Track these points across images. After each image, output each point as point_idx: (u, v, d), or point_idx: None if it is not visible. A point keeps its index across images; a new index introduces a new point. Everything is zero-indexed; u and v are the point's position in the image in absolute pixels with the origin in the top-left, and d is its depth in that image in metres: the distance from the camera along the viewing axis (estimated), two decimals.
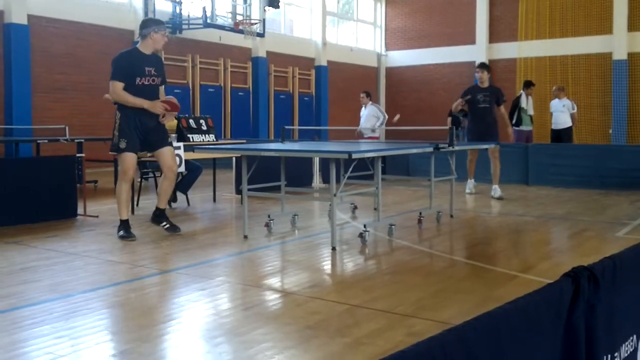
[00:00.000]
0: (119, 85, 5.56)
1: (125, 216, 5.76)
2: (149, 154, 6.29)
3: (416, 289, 4.05)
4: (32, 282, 4.25)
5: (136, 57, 5.69)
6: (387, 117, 12.24)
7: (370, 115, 12.05)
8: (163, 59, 16.59)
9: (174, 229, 5.93)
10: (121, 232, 5.71)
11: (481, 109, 8.98)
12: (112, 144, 5.69)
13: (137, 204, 7.66)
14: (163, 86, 5.88)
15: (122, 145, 5.60)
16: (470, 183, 9.51)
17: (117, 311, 3.64)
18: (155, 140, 5.79)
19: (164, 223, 5.94)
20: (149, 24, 5.76)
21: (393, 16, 23.35)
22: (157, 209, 5.97)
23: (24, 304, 3.78)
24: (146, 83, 5.62)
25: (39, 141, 10.12)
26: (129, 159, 5.65)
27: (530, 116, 12.71)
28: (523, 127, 12.62)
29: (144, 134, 5.71)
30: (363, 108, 12.34)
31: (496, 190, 8.87)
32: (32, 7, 12.78)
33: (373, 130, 12.05)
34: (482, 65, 9.43)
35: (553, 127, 12.97)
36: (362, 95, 12.32)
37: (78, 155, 7.94)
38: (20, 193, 6.45)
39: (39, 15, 13.01)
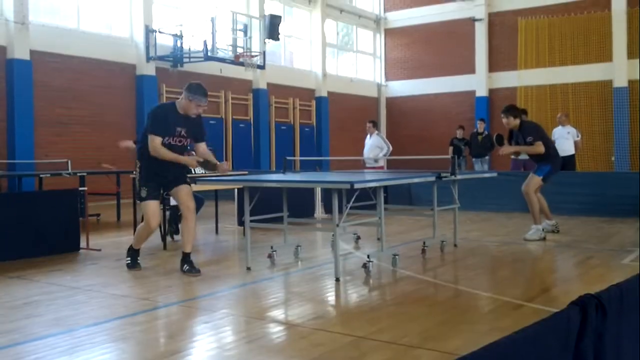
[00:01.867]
0: (159, 140, 5.50)
1: (138, 246, 5.92)
2: (165, 193, 6.29)
3: (421, 320, 4.02)
4: (35, 316, 4.22)
5: (172, 114, 5.62)
6: (391, 148, 12.25)
7: (374, 146, 12.10)
8: (164, 92, 16.68)
9: (192, 270, 5.59)
10: (128, 260, 5.85)
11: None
12: (136, 192, 5.97)
13: None
14: (204, 143, 5.92)
15: (143, 194, 5.63)
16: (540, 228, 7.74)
17: (121, 345, 3.61)
18: (173, 178, 5.71)
19: (185, 266, 5.65)
20: (190, 89, 5.61)
21: (392, 47, 23.61)
22: (183, 253, 5.71)
23: (27, 339, 3.74)
24: (172, 143, 5.57)
25: (41, 175, 10.15)
26: (151, 208, 5.63)
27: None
28: (519, 156, 12.63)
29: (164, 177, 5.69)
30: (368, 137, 12.39)
31: (538, 229, 7.60)
32: (34, 43, 12.94)
33: (376, 161, 12.07)
34: (504, 111, 7.91)
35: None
36: (368, 124, 12.39)
37: (80, 189, 7.95)
38: (23, 227, 6.44)
39: (41, 51, 13.16)
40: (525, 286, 5.29)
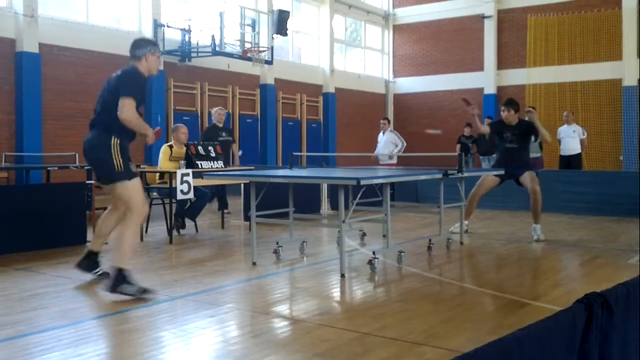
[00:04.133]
0: (134, 106, 4.61)
1: (130, 262, 4.61)
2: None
3: (426, 317, 4.01)
4: (41, 308, 4.24)
5: (144, 80, 4.83)
6: (405, 144, 12.29)
7: (389, 142, 12.15)
8: (172, 86, 16.72)
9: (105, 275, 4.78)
10: (133, 289, 4.45)
11: (510, 150, 7.77)
12: (121, 172, 4.61)
13: (147, 231, 7.67)
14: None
15: (134, 168, 4.76)
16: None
17: (126, 338, 3.62)
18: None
19: (98, 270, 5.06)
20: (144, 44, 4.86)
21: (400, 43, 23.54)
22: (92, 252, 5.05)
23: (34, 331, 3.77)
24: (139, 112, 4.75)
25: (49, 168, 10.20)
26: (141, 186, 4.88)
27: (538, 143, 12.68)
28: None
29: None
30: (381, 134, 12.43)
31: (535, 230, 7.52)
32: (43, 36, 12.98)
33: (390, 157, 12.10)
34: (507, 103, 7.82)
35: (562, 153, 12.91)
36: (383, 121, 12.49)
37: (88, 182, 7.98)
38: (31, 220, 6.47)
39: (50, 44, 13.20)
40: (531, 284, 5.28)
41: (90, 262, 5.06)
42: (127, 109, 4.55)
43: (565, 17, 19.84)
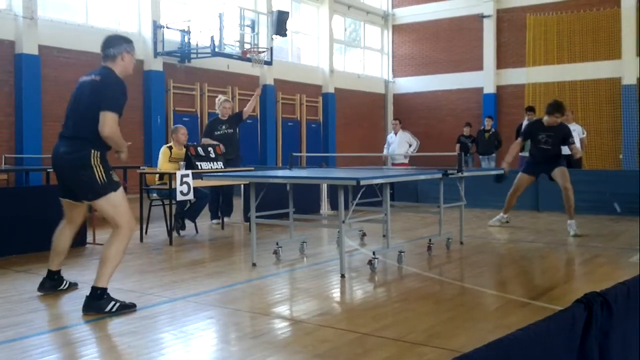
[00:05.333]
0: (117, 119, 4.29)
1: (107, 282, 4.25)
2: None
3: (427, 317, 4.01)
4: (41, 310, 4.24)
5: (125, 88, 4.45)
6: (419, 143, 12.43)
7: (403, 142, 12.25)
8: (172, 87, 16.73)
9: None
10: (117, 304, 4.17)
11: (543, 150, 7.93)
12: (105, 184, 4.28)
13: (146, 232, 7.67)
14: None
15: (116, 177, 4.44)
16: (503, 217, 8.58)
17: (127, 339, 3.62)
18: None
19: (64, 284, 4.80)
20: (119, 41, 4.47)
21: (400, 43, 23.54)
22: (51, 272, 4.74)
23: (34, 333, 3.77)
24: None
25: (48, 170, 10.18)
26: (125, 197, 4.48)
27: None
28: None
29: None
30: (392, 134, 12.54)
31: (571, 225, 7.75)
32: (42, 38, 12.98)
33: (405, 157, 12.19)
34: (557, 109, 7.79)
35: (563, 152, 12.89)
36: (394, 121, 12.60)
37: None
38: (30, 221, 6.46)
39: (49, 46, 13.20)
40: (531, 284, 5.27)
41: (53, 282, 4.69)
42: (110, 125, 4.20)
43: (565, 16, 19.84)
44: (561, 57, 19.97)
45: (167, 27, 15.29)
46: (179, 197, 7.01)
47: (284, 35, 17.13)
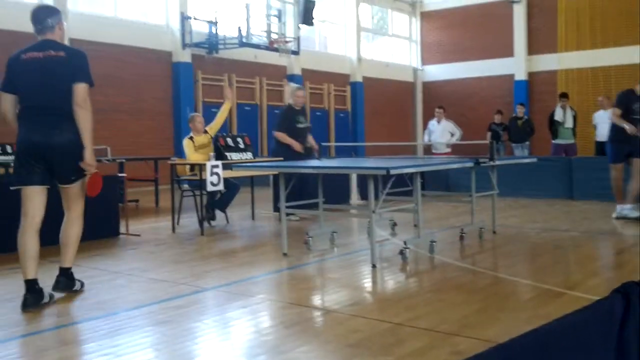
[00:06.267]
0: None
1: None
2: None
3: (460, 307, 3.98)
4: (77, 300, 4.32)
5: None
6: (462, 132, 12.35)
7: (446, 131, 12.20)
8: (200, 79, 16.84)
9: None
10: (78, 283, 4.45)
11: (636, 121, 7.56)
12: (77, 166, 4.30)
13: (178, 222, 7.76)
14: None
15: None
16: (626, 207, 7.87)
17: (160, 329, 3.66)
18: None
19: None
20: (53, 12, 4.40)
21: (428, 30, 23.29)
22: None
23: (70, 322, 3.85)
24: None
25: None
26: None
27: (571, 129, 12.46)
28: (560, 141, 12.39)
29: None
30: (434, 122, 12.45)
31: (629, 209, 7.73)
32: (73, 31, 13.15)
33: (447, 146, 12.13)
34: None
35: (598, 139, 12.64)
36: (438, 109, 12.48)
37: (120, 175, 8.08)
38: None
39: (80, 39, 13.36)
40: (567, 274, 5.19)
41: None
42: (86, 97, 4.18)
43: (597, 0, 19.37)
44: (594, 42, 19.52)
45: (195, 19, 15.37)
46: (210, 188, 7.05)
47: (311, 24, 17.09)
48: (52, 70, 4.19)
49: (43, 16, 4.30)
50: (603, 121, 12.36)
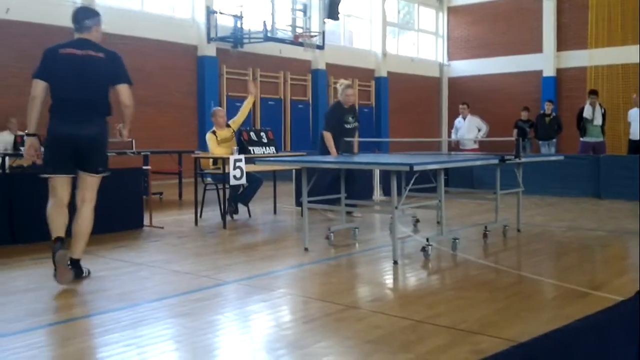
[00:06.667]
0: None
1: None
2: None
3: (481, 305, 3.94)
4: (101, 291, 4.37)
5: None
6: (489, 127, 12.33)
7: (473, 126, 12.19)
8: (225, 73, 16.91)
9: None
10: (87, 270, 4.65)
11: None
12: (105, 159, 4.79)
13: (201, 216, 7.81)
14: None
15: None
16: None
17: (182, 321, 3.69)
18: None
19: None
20: (93, 13, 4.79)
21: (455, 25, 23.07)
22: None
23: (94, 312, 3.89)
24: None
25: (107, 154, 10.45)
26: None
27: (600, 127, 12.25)
28: (588, 138, 12.19)
29: None
30: (460, 119, 12.46)
31: None
32: (102, 25, 13.31)
33: (475, 142, 12.10)
34: None
35: (631, 137, 12.42)
36: (462, 106, 12.50)
37: (144, 167, 8.16)
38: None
39: (107, 32, 13.44)
40: (592, 273, 5.11)
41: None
42: (131, 96, 4.68)
43: None
44: (625, 38, 19.13)
45: (220, 13, 15.43)
46: (232, 182, 7.08)
47: (336, 18, 17.04)
48: (92, 69, 4.52)
49: (82, 17, 4.65)
50: (636, 119, 12.12)
